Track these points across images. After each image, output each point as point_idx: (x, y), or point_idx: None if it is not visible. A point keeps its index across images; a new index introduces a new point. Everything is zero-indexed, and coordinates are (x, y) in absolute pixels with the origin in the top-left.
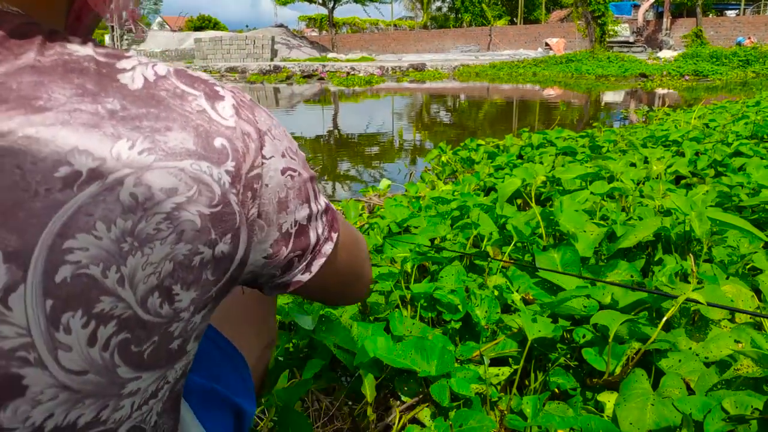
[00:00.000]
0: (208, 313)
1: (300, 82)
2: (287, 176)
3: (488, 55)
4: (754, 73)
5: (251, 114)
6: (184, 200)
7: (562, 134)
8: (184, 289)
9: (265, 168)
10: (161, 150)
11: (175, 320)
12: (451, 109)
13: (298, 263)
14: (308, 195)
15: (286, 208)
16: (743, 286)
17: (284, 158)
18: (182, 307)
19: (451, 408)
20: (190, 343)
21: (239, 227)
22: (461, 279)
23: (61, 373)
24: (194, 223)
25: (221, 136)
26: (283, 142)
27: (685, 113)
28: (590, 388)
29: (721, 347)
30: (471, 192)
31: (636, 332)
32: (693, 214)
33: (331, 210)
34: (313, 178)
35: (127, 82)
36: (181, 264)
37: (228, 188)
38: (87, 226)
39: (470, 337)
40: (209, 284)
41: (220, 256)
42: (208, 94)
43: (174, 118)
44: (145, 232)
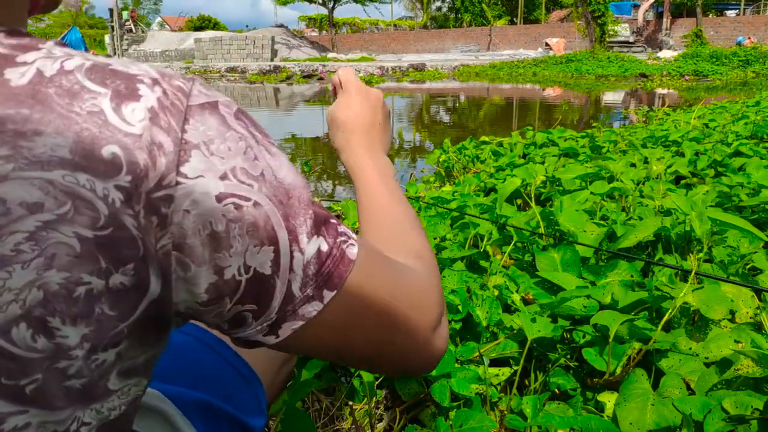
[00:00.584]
0: (133, 351)
1: (300, 82)
2: (227, 204)
3: (488, 55)
4: (754, 73)
5: (178, 120)
6: (54, 218)
7: (565, 134)
8: (67, 324)
9: (183, 189)
10: (23, 158)
11: (61, 357)
12: (451, 109)
13: (255, 321)
14: (274, 235)
15: (226, 246)
16: (743, 285)
17: (225, 181)
18: (69, 344)
19: (451, 408)
20: (111, 382)
21: (144, 257)
22: (463, 279)
23: None
24: (71, 247)
25: (114, 143)
26: (230, 161)
27: (684, 113)
28: (590, 388)
29: (721, 347)
30: (471, 192)
31: (636, 332)
32: (693, 214)
33: (334, 258)
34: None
35: (12, 77)
36: (56, 294)
37: (120, 208)
38: None
39: (471, 337)
40: (110, 320)
41: (119, 289)
42: (119, 92)
43: (50, 120)
44: (0, 252)
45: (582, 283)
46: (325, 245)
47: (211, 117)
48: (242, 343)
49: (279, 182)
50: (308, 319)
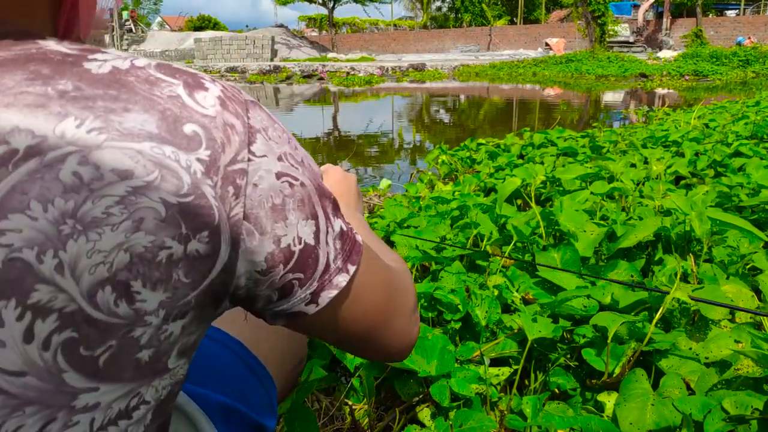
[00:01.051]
0: (193, 326)
1: (300, 82)
2: (284, 182)
3: (488, 55)
4: (754, 73)
5: (242, 109)
6: (143, 184)
7: (563, 134)
8: (147, 288)
9: (254, 165)
10: (115, 130)
11: (138, 324)
12: (451, 109)
13: (301, 289)
14: (315, 211)
15: (284, 217)
16: (743, 286)
17: (281, 162)
18: (147, 309)
19: (451, 408)
20: (171, 359)
21: (218, 225)
22: (462, 279)
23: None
24: (157, 212)
25: (194, 122)
26: (282, 146)
27: (684, 113)
28: (590, 388)
29: (721, 347)
30: (471, 192)
31: (636, 333)
32: (693, 214)
33: (350, 239)
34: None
35: (91, 68)
36: (141, 257)
37: (201, 178)
38: (21, 206)
39: (470, 337)
40: (183, 287)
41: (194, 256)
42: (189, 83)
43: (136, 100)
44: (91, 215)
45: (582, 283)
46: (344, 226)
47: (261, 111)
48: (282, 318)
49: (313, 169)
50: (340, 288)
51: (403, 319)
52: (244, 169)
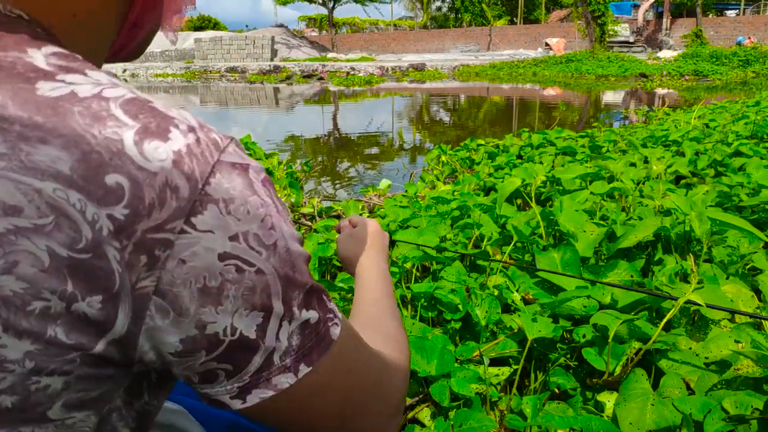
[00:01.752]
0: (89, 384)
1: (300, 82)
2: (228, 265)
3: (488, 55)
4: (754, 73)
5: (203, 172)
6: (29, 226)
7: (562, 134)
8: (10, 334)
9: (186, 239)
10: (18, 160)
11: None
12: (451, 109)
13: (227, 381)
14: (268, 303)
15: (217, 303)
16: (743, 286)
17: (233, 242)
18: (9, 357)
19: (451, 408)
20: (53, 410)
21: (117, 293)
22: (462, 279)
23: None
24: (38, 259)
25: (122, 174)
26: (245, 225)
27: (685, 113)
28: (590, 388)
29: (721, 347)
30: (471, 192)
31: (636, 332)
32: (693, 214)
33: (318, 334)
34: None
35: (42, 89)
36: (6, 301)
37: (106, 237)
38: None
39: (470, 336)
40: (63, 346)
41: (80, 317)
42: (148, 129)
43: (61, 133)
44: None
45: (582, 283)
46: (314, 316)
47: (239, 178)
48: (207, 401)
49: (288, 254)
50: (279, 390)
51: (375, 421)
52: (169, 241)
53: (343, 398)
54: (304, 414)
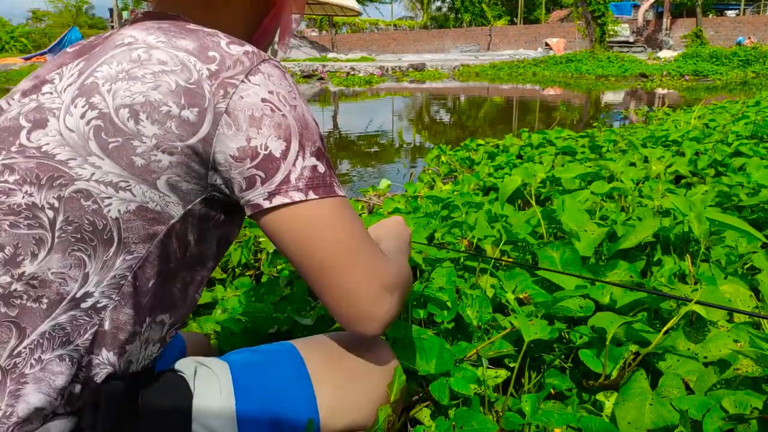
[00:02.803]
0: (181, 170)
1: (300, 82)
2: (266, 105)
3: (488, 55)
4: (754, 73)
5: (257, 60)
6: (169, 70)
7: (561, 134)
8: (148, 121)
9: (245, 85)
10: (169, 43)
11: (137, 138)
12: (451, 109)
13: (261, 186)
14: (289, 137)
15: (258, 126)
16: (741, 285)
17: (270, 94)
18: (144, 132)
19: (450, 406)
20: (160, 182)
21: (207, 108)
22: (452, 279)
23: (63, 126)
24: (169, 84)
25: (217, 52)
26: (279, 89)
27: (685, 113)
28: (587, 390)
29: (720, 347)
30: (470, 192)
31: (633, 335)
32: (692, 215)
33: (324, 182)
34: (311, 140)
35: (189, 25)
36: (150, 103)
37: (204, 77)
38: (109, 62)
39: (462, 337)
40: (172, 135)
41: (185, 118)
42: (234, 42)
43: (192, 37)
44: (134, 74)
45: (581, 282)
46: (322, 168)
47: (278, 70)
48: (250, 208)
49: (304, 118)
50: (292, 200)
51: (361, 281)
52: (235, 84)
53: (333, 245)
54: (308, 238)
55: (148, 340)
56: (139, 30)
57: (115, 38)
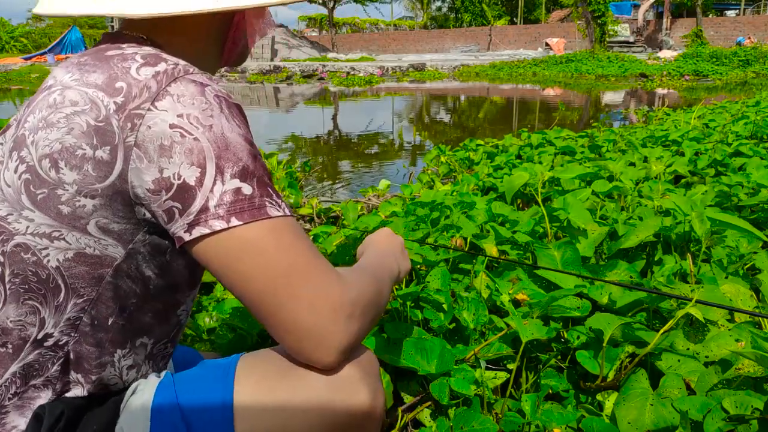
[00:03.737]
0: (106, 212)
1: (300, 82)
2: (175, 132)
3: (488, 55)
4: (754, 73)
5: (167, 81)
6: (80, 110)
7: (561, 134)
8: (67, 168)
9: (151, 114)
10: (81, 80)
11: (59, 187)
12: (451, 109)
13: (180, 217)
14: (203, 163)
15: (168, 155)
16: (742, 285)
17: (179, 118)
18: (65, 180)
19: (450, 406)
20: (90, 226)
21: (117, 144)
22: (447, 281)
23: (3, 182)
24: (81, 126)
25: (124, 81)
26: (190, 111)
27: (684, 113)
28: (584, 391)
29: (722, 346)
30: (470, 192)
31: (631, 336)
32: (694, 215)
33: (252, 204)
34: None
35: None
36: (67, 149)
37: (111, 113)
38: (33, 112)
39: (459, 339)
40: (91, 178)
41: (99, 160)
42: (147, 62)
43: (104, 68)
44: (50, 120)
45: (580, 282)
46: (248, 190)
47: (193, 86)
48: (175, 241)
49: (223, 137)
50: (213, 230)
51: (302, 310)
52: (141, 114)
53: (267, 274)
54: (239, 268)
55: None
56: (61, 69)
57: (46, 81)
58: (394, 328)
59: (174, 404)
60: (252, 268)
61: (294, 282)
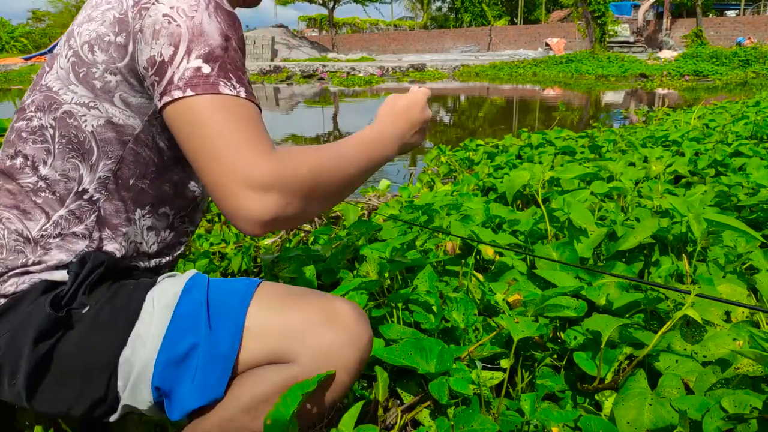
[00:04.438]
0: (125, 87)
1: (300, 82)
2: (165, 19)
3: (488, 55)
4: (754, 73)
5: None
6: (111, 7)
7: (561, 134)
8: (99, 51)
9: (154, 7)
10: None
11: (94, 66)
12: (451, 109)
13: (156, 87)
14: (177, 43)
15: (156, 38)
16: (739, 285)
17: (171, 9)
18: (97, 60)
19: (449, 405)
20: (115, 98)
21: (130, 31)
22: (434, 284)
23: (58, 66)
24: (110, 18)
25: None
26: (180, 4)
27: (685, 113)
28: (581, 392)
29: (720, 345)
30: (470, 192)
31: (629, 337)
32: (690, 215)
33: (203, 79)
34: (201, 44)
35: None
36: (99, 37)
37: (129, 7)
38: (81, 11)
39: (450, 340)
40: (113, 58)
41: (119, 43)
42: None
43: None
44: (92, 16)
45: (578, 283)
46: (207, 69)
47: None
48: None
49: (200, 26)
50: (173, 98)
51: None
52: (147, 7)
53: (203, 138)
54: (185, 130)
55: (153, 226)
56: None
57: None
58: (389, 330)
59: (202, 291)
60: (193, 131)
61: (217, 151)
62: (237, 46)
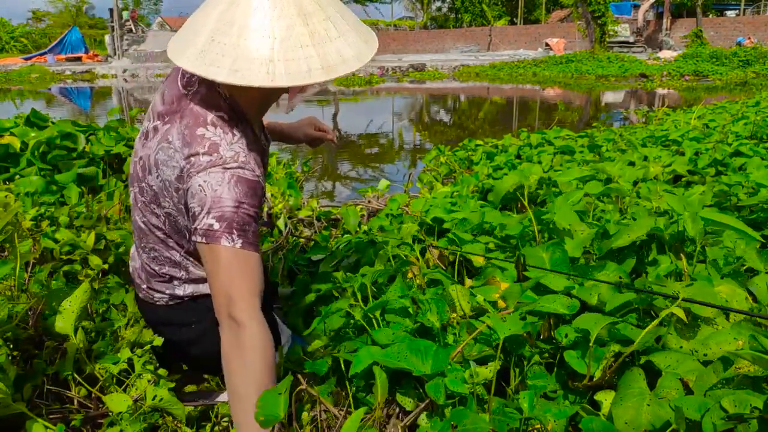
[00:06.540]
0: (181, 216)
1: None
2: (198, 188)
3: (488, 55)
4: (754, 74)
5: (210, 166)
6: (170, 168)
7: (560, 134)
8: (166, 196)
9: (192, 178)
10: (165, 140)
11: (162, 202)
12: (451, 109)
13: (192, 229)
14: (204, 206)
15: (192, 198)
16: (737, 286)
17: (204, 182)
18: (168, 201)
19: (446, 405)
20: (180, 223)
21: (181, 186)
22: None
23: (152, 180)
24: (171, 176)
25: (194, 148)
26: (209, 180)
27: (684, 113)
28: (572, 390)
29: (721, 344)
30: (469, 194)
31: (617, 334)
32: (686, 214)
33: (213, 238)
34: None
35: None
36: (165, 185)
37: (183, 172)
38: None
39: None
40: (174, 202)
41: (181, 193)
42: (210, 150)
43: (181, 136)
44: (161, 166)
45: (570, 283)
46: (216, 226)
47: (221, 172)
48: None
49: (220, 198)
50: (196, 240)
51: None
52: (188, 176)
53: (210, 270)
54: (204, 259)
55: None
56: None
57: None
58: (380, 335)
59: None
60: (205, 260)
61: (214, 281)
62: (248, 206)
